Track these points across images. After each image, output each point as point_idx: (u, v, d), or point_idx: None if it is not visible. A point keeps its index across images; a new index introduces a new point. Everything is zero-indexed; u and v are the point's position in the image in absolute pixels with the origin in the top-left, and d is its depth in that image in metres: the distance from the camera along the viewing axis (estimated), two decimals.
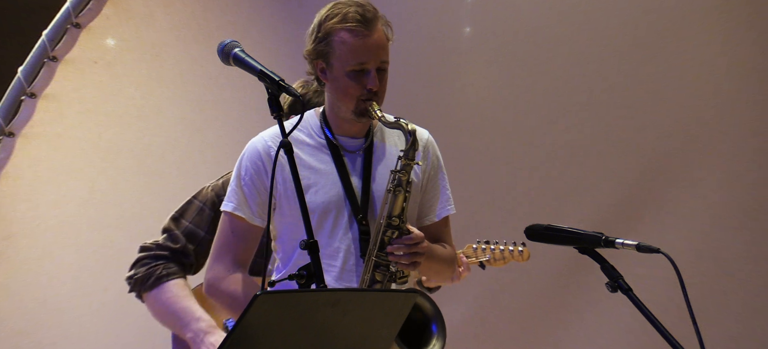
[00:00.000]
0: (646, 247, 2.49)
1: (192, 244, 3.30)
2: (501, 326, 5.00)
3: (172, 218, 3.35)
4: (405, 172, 2.66)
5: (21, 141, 4.41)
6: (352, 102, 2.68)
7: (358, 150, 2.78)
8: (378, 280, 2.66)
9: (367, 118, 2.70)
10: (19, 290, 4.40)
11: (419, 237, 2.66)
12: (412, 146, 2.66)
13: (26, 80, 4.41)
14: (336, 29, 2.67)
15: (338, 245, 2.71)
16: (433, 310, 2.66)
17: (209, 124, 4.81)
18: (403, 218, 2.66)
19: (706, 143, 4.59)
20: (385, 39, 2.70)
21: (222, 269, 2.74)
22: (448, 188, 2.90)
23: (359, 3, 2.69)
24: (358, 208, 2.71)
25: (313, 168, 2.73)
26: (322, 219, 2.70)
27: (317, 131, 2.78)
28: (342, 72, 2.67)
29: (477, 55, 5.04)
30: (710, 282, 4.50)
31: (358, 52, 2.65)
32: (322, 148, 2.76)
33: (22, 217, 4.43)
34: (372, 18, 2.67)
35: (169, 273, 3.24)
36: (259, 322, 1.89)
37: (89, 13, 4.54)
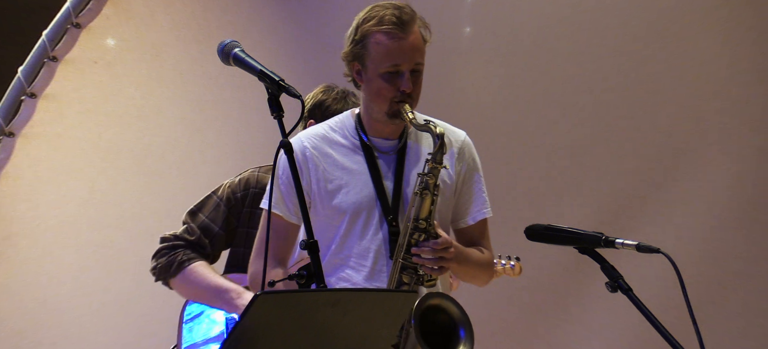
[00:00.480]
0: (646, 247, 2.49)
1: (207, 238, 3.43)
2: (501, 326, 5.00)
3: (190, 212, 3.47)
4: (432, 175, 2.66)
5: (21, 141, 4.41)
6: (385, 103, 2.70)
7: (392, 151, 2.80)
8: (405, 282, 2.66)
9: (399, 120, 2.71)
10: (19, 290, 4.40)
11: (446, 242, 2.65)
12: (440, 149, 2.67)
13: (26, 80, 4.41)
14: (372, 31, 2.69)
15: (369, 245, 2.73)
16: (460, 314, 2.64)
17: (209, 124, 4.81)
18: (431, 221, 2.66)
19: (706, 143, 4.59)
20: (421, 41, 2.72)
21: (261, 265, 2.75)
22: (484, 190, 2.89)
23: (397, 5, 2.71)
24: (389, 209, 2.73)
25: (346, 168, 2.76)
26: (354, 219, 2.73)
27: (352, 132, 2.81)
28: (376, 73, 2.70)
29: (477, 55, 5.04)
30: (710, 282, 4.50)
31: (392, 54, 2.67)
32: (355, 150, 2.79)
33: (22, 217, 4.43)
34: (408, 20, 2.69)
35: (189, 258, 3.39)
36: (259, 322, 1.89)
37: (89, 13, 4.54)
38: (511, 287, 4.94)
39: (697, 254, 4.51)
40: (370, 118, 2.79)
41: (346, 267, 2.76)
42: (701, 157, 4.60)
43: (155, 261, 3.43)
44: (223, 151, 4.76)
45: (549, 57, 4.84)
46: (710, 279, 4.52)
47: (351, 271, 2.75)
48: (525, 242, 2.89)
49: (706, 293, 4.44)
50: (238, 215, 3.48)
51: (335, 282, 2.77)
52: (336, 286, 2.76)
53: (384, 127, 2.78)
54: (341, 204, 2.74)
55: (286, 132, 2.36)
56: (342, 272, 2.76)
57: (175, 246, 3.43)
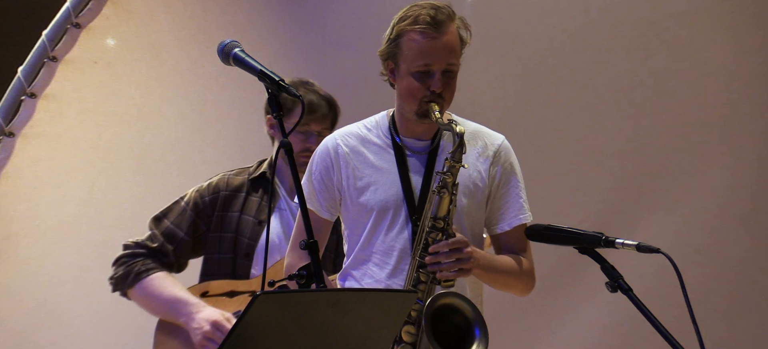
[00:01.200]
0: (646, 247, 2.49)
1: (171, 244, 3.37)
2: (501, 327, 4.99)
3: (155, 218, 3.42)
4: (450, 174, 2.65)
5: (21, 141, 4.41)
6: (415, 102, 2.71)
7: (423, 152, 2.81)
8: (422, 280, 2.65)
9: (427, 120, 2.71)
10: (19, 290, 4.40)
11: (459, 241, 2.63)
12: (459, 148, 2.66)
13: (26, 80, 4.41)
14: (406, 30, 2.70)
15: (393, 243, 2.74)
16: (474, 314, 2.63)
17: (209, 124, 4.81)
18: (449, 221, 2.65)
19: (707, 143, 4.59)
20: (456, 42, 2.73)
21: (295, 257, 2.82)
22: (522, 196, 2.88)
23: (435, 5, 2.71)
24: (415, 208, 2.74)
25: (376, 167, 2.78)
26: (380, 217, 2.75)
27: (385, 132, 2.83)
28: (407, 72, 2.70)
29: (477, 55, 5.03)
30: (710, 282, 4.50)
31: (424, 53, 2.68)
32: (387, 149, 2.80)
33: (22, 217, 4.43)
34: (444, 20, 2.70)
35: (148, 268, 3.32)
36: (259, 322, 1.89)
37: (89, 13, 4.54)
38: None
39: (697, 253, 4.51)
40: (402, 117, 2.81)
41: (371, 263, 2.78)
42: (702, 157, 4.60)
43: (114, 270, 3.37)
44: (223, 151, 4.76)
45: (549, 57, 4.84)
46: (710, 279, 4.51)
47: (375, 268, 2.77)
48: None
49: (706, 293, 4.44)
50: (207, 221, 3.42)
51: (360, 277, 2.79)
52: (361, 281, 2.78)
53: (415, 127, 2.79)
54: (368, 202, 2.76)
55: (286, 132, 2.36)
56: (367, 268, 2.79)
57: (135, 254, 3.35)
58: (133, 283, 3.33)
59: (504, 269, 2.82)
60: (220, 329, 3.19)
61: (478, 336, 2.61)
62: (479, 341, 2.60)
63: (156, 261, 3.35)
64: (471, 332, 2.62)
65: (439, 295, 2.61)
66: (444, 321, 2.59)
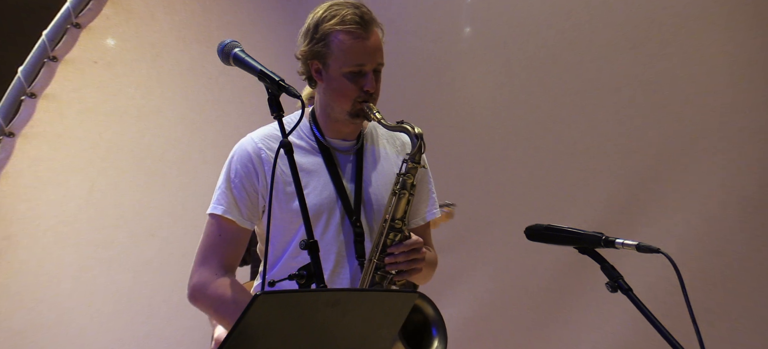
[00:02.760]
0: (646, 247, 2.49)
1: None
2: (501, 327, 5.01)
3: None
4: (410, 175, 2.66)
5: (21, 141, 4.41)
6: (348, 103, 2.67)
7: (350, 152, 2.77)
8: (377, 282, 2.65)
9: (361, 120, 2.69)
10: (19, 290, 4.40)
11: (418, 242, 2.65)
12: (419, 150, 2.66)
13: (26, 80, 4.41)
14: (334, 30, 2.66)
15: (330, 247, 2.69)
16: (434, 313, 2.65)
17: (209, 124, 4.81)
18: (406, 221, 2.66)
19: (707, 143, 4.59)
20: (380, 41, 2.70)
21: (209, 273, 2.66)
22: (433, 191, 2.90)
23: (354, 4, 2.69)
24: (352, 209, 2.70)
25: (305, 170, 2.70)
26: (314, 221, 2.67)
27: (307, 133, 2.77)
28: (339, 73, 2.66)
29: (477, 55, 5.04)
30: (710, 282, 4.50)
31: (357, 54, 2.65)
32: (313, 150, 2.75)
33: (22, 217, 4.43)
34: (369, 20, 2.67)
35: None
36: (259, 322, 1.89)
37: (89, 13, 4.55)
38: (511, 287, 4.94)
39: (697, 254, 4.51)
40: (328, 118, 2.74)
41: None
42: (702, 158, 4.60)
43: None
44: (223, 151, 4.73)
45: (549, 57, 4.84)
46: (710, 279, 4.51)
47: None
48: (525, 242, 2.89)
49: (706, 293, 4.44)
50: None
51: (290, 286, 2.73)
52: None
53: (343, 128, 2.74)
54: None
55: (286, 132, 2.35)
56: None
57: None
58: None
59: (429, 261, 2.83)
60: None
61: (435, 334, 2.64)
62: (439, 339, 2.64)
63: None
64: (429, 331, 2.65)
65: None
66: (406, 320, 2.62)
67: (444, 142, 4.79)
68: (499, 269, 4.92)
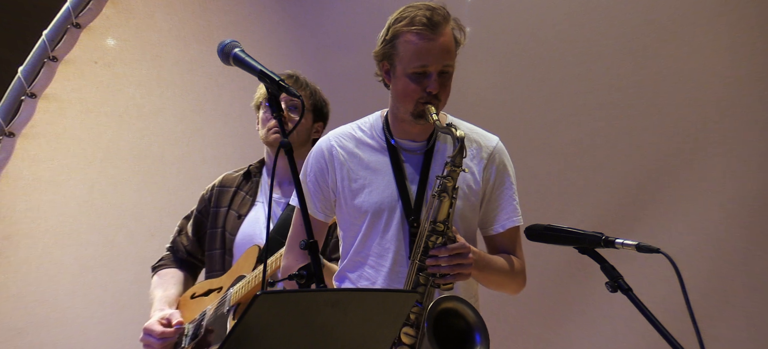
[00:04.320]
0: (646, 247, 2.49)
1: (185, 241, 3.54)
2: (501, 327, 5.00)
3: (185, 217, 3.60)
4: (451, 178, 2.65)
5: (21, 141, 4.41)
6: (410, 103, 2.71)
7: (418, 153, 2.80)
8: (422, 283, 2.65)
9: (423, 121, 2.71)
10: (19, 290, 4.40)
11: (462, 247, 2.63)
12: (460, 152, 2.66)
13: (26, 80, 4.41)
14: (402, 32, 2.70)
15: (388, 245, 2.74)
16: (476, 318, 2.62)
17: (209, 124, 4.81)
18: (449, 224, 2.65)
19: (707, 144, 4.59)
20: (452, 43, 2.73)
21: (292, 259, 2.83)
22: (515, 198, 2.89)
23: (430, 6, 2.71)
24: (411, 210, 2.73)
25: (371, 168, 2.78)
26: (375, 219, 2.75)
27: (379, 133, 2.82)
28: (403, 73, 2.70)
29: (477, 55, 5.04)
30: (710, 282, 4.50)
31: (421, 54, 2.68)
32: (382, 150, 2.80)
33: (22, 217, 4.43)
34: (440, 22, 2.70)
35: (160, 265, 3.57)
36: (259, 322, 1.89)
37: (89, 13, 4.54)
38: None
39: (696, 253, 4.50)
40: (396, 118, 2.80)
41: (367, 265, 2.78)
42: (702, 158, 4.59)
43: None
44: (223, 151, 4.76)
45: (549, 57, 4.84)
46: (710, 279, 4.51)
47: (371, 270, 2.77)
48: (525, 242, 2.89)
49: (706, 293, 4.44)
50: (207, 214, 3.51)
51: (356, 279, 2.79)
52: (357, 283, 2.78)
53: (410, 128, 2.79)
54: (363, 204, 2.76)
55: (286, 132, 2.36)
56: (362, 271, 2.78)
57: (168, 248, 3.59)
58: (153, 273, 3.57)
59: (499, 269, 2.83)
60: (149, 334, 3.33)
61: (479, 342, 2.60)
62: (480, 346, 2.59)
63: (171, 257, 3.56)
64: (472, 337, 2.61)
65: (442, 298, 2.61)
66: (445, 325, 2.59)
67: None
68: None
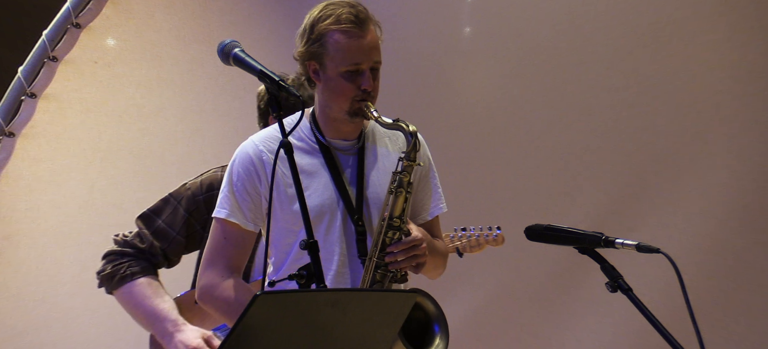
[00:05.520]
0: (646, 247, 2.49)
1: (162, 243, 3.26)
2: (501, 327, 5.00)
3: (143, 216, 3.32)
4: (406, 173, 2.67)
5: (21, 141, 4.41)
6: (346, 102, 2.68)
7: (350, 152, 2.78)
8: (378, 280, 2.66)
9: (360, 119, 2.69)
10: (19, 290, 4.40)
11: (418, 239, 2.66)
12: (414, 147, 2.66)
13: (26, 80, 4.41)
14: (330, 30, 2.66)
15: (333, 248, 2.70)
16: (435, 310, 2.65)
17: (209, 124, 4.81)
18: (404, 219, 2.67)
19: (707, 143, 4.59)
20: (377, 39, 2.71)
21: (215, 275, 2.69)
22: (439, 186, 2.91)
23: (351, 3, 2.69)
24: (353, 209, 2.71)
25: (306, 171, 2.71)
26: (317, 222, 2.68)
27: (308, 134, 2.77)
28: (336, 73, 2.67)
29: (477, 55, 5.04)
30: (710, 282, 4.50)
31: (353, 52, 2.65)
32: (313, 151, 2.75)
33: (22, 217, 4.43)
34: (365, 19, 2.68)
35: (132, 273, 3.22)
36: (259, 322, 1.89)
37: (89, 13, 4.55)
38: (511, 287, 4.94)
39: (697, 254, 4.51)
40: (327, 118, 2.75)
41: None
42: (701, 157, 4.60)
43: (102, 265, 3.27)
44: (223, 152, 4.75)
45: (549, 57, 4.84)
46: (710, 279, 4.51)
47: None
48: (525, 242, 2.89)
49: (706, 293, 4.44)
50: (201, 220, 3.31)
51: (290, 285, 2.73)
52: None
53: (342, 127, 2.75)
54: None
55: (286, 132, 2.36)
56: None
57: (123, 254, 3.26)
58: (118, 285, 3.22)
59: (438, 252, 2.86)
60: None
61: (438, 331, 2.64)
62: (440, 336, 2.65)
63: (143, 263, 3.25)
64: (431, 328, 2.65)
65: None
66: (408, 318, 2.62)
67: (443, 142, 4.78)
68: (498, 269, 4.92)
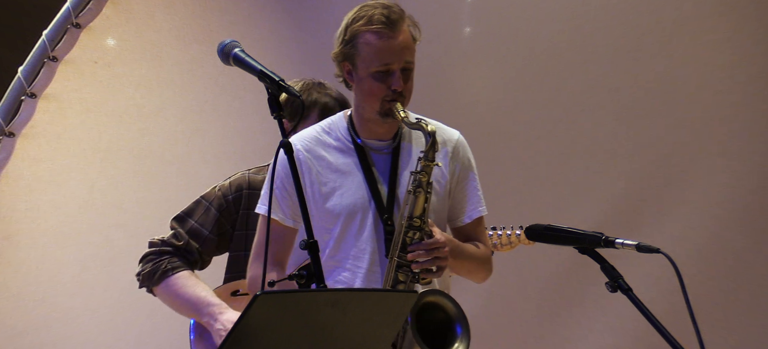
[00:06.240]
0: (646, 247, 2.49)
1: (196, 242, 3.38)
2: (501, 327, 5.00)
3: (178, 218, 3.43)
4: (424, 173, 2.67)
5: (21, 141, 4.41)
6: (376, 103, 2.71)
7: (385, 152, 2.80)
8: (401, 280, 2.66)
9: (391, 119, 2.72)
10: (19, 290, 4.40)
11: (440, 242, 2.65)
12: (432, 147, 2.67)
13: (26, 80, 4.41)
14: (361, 31, 2.71)
15: (364, 246, 2.74)
16: (456, 311, 2.63)
17: (209, 124, 4.81)
18: (425, 219, 2.66)
19: (707, 143, 4.59)
20: (410, 40, 2.74)
21: (260, 268, 2.76)
22: (479, 188, 2.91)
23: (385, 4, 2.73)
24: (384, 208, 2.73)
25: (340, 171, 2.77)
26: (349, 221, 2.74)
27: (344, 134, 2.81)
28: (366, 73, 2.71)
29: (477, 56, 5.04)
30: (710, 282, 4.50)
31: (383, 53, 2.68)
32: (348, 151, 2.79)
33: (22, 217, 4.43)
34: (397, 19, 2.71)
35: (173, 267, 3.34)
36: (259, 322, 1.89)
37: (89, 13, 4.54)
38: (511, 287, 4.94)
39: (697, 254, 4.51)
40: (362, 118, 2.79)
41: (343, 269, 2.77)
42: (703, 158, 4.60)
43: (141, 266, 3.38)
44: (223, 152, 4.76)
45: (549, 58, 4.84)
46: (710, 279, 4.51)
47: (347, 273, 2.76)
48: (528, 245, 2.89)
49: (706, 293, 4.44)
50: (231, 219, 3.44)
51: (332, 284, 2.76)
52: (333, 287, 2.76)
53: (377, 128, 2.79)
54: (335, 207, 2.75)
55: (286, 132, 2.36)
56: (338, 275, 2.77)
57: (161, 252, 3.38)
58: (160, 281, 3.34)
59: (470, 256, 2.84)
60: None
61: (460, 333, 2.63)
62: (461, 338, 2.62)
63: (181, 259, 3.37)
64: (453, 329, 2.63)
65: (424, 293, 2.63)
66: (427, 319, 2.60)
67: None
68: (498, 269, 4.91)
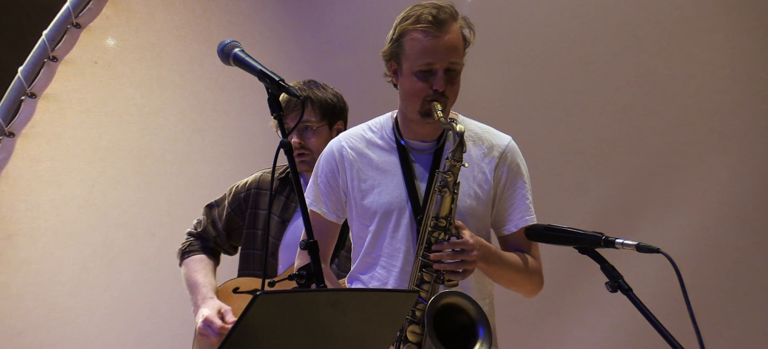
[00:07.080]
0: (646, 247, 2.49)
1: (214, 231, 3.61)
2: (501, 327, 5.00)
3: (208, 205, 3.67)
4: (451, 173, 2.64)
5: (21, 141, 4.41)
6: (418, 102, 2.70)
7: (428, 153, 2.80)
8: (426, 280, 2.63)
9: (430, 119, 2.69)
10: (19, 290, 4.40)
11: (466, 244, 2.61)
12: (459, 147, 2.64)
13: (26, 80, 4.41)
14: (408, 30, 2.70)
15: (398, 245, 2.74)
16: (477, 313, 2.60)
17: (209, 124, 4.81)
18: (451, 220, 2.64)
19: (707, 143, 4.59)
20: (459, 41, 2.72)
21: (305, 259, 2.80)
22: (528, 197, 2.86)
23: (437, 4, 2.71)
24: (420, 209, 2.72)
25: (380, 169, 2.78)
26: (384, 219, 2.75)
27: (389, 133, 2.82)
28: (409, 71, 2.70)
29: (477, 55, 5.03)
30: (711, 282, 4.50)
31: (426, 52, 2.67)
32: (391, 150, 2.80)
33: (22, 217, 4.43)
34: (446, 19, 2.69)
35: (191, 250, 3.62)
36: (259, 322, 1.89)
37: (89, 13, 4.54)
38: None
39: (697, 254, 4.51)
40: (405, 118, 2.80)
41: (378, 266, 2.78)
42: (701, 157, 4.60)
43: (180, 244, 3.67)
44: (223, 152, 4.76)
45: (549, 58, 4.84)
46: (710, 279, 4.51)
47: (382, 270, 2.77)
48: None
49: (705, 293, 4.44)
50: (242, 216, 3.57)
51: (368, 281, 2.78)
52: (369, 284, 2.78)
53: (419, 128, 2.78)
54: (372, 204, 2.76)
55: (286, 132, 2.36)
56: (373, 272, 2.78)
57: (191, 234, 3.65)
58: (181, 259, 3.61)
59: (511, 265, 2.79)
60: (210, 325, 3.35)
61: (482, 335, 2.59)
62: (483, 340, 2.58)
63: (201, 243, 3.62)
64: (475, 332, 2.60)
65: (442, 294, 2.60)
66: (448, 320, 2.58)
67: None
68: None
